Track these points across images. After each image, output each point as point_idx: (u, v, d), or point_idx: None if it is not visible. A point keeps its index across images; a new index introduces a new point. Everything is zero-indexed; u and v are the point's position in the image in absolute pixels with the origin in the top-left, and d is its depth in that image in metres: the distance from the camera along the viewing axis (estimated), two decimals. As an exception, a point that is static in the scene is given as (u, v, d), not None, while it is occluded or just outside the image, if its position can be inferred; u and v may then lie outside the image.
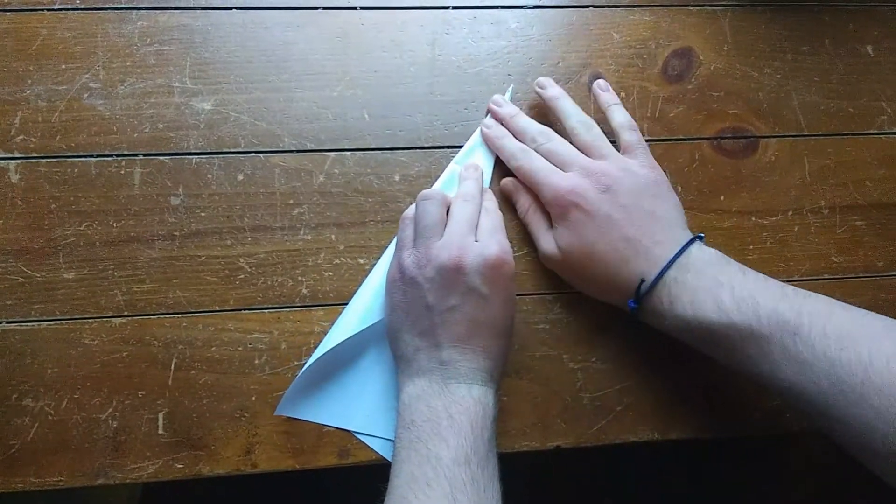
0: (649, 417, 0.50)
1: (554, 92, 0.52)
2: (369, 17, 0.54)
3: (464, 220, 0.46)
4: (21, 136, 0.49)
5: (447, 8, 0.55)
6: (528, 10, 0.56)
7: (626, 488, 0.82)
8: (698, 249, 0.44)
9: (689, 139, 0.55)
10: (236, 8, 0.53)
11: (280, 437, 0.47)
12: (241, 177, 0.51)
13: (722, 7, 0.57)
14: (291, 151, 0.51)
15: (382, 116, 0.53)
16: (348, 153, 0.52)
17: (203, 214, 0.50)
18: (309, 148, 0.51)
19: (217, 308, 0.49)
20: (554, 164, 0.48)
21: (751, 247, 0.53)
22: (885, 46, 0.58)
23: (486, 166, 0.52)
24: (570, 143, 0.50)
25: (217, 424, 0.47)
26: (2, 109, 0.50)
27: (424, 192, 0.47)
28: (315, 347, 0.48)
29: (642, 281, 0.44)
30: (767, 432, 0.51)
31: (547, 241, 0.49)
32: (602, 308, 0.51)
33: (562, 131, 0.51)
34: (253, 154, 0.51)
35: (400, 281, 0.45)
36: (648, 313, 0.45)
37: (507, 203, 0.52)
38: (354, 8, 0.54)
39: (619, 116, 0.50)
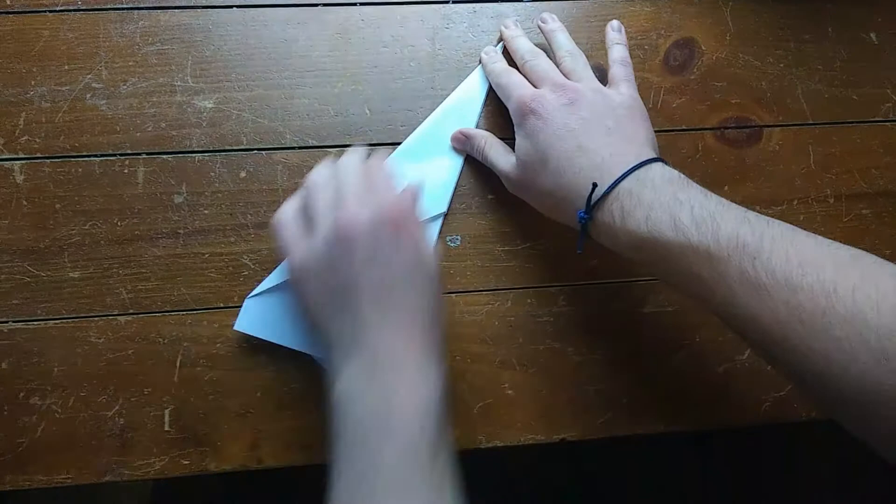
0: (655, 409, 0.50)
1: (553, 26, 0.52)
2: (369, 12, 0.54)
3: (350, 184, 0.43)
4: (25, 137, 0.50)
5: (447, 2, 0.55)
6: (528, 4, 0.56)
7: (631, 480, 0.82)
8: (661, 168, 0.42)
9: (693, 130, 0.54)
10: (236, 6, 0.53)
11: (286, 433, 0.47)
12: (243, 174, 0.51)
13: (723, -4, 0.57)
14: (293, 148, 0.51)
15: (384, 112, 0.53)
16: (350, 149, 0.52)
17: (206, 212, 0.50)
18: (311, 144, 0.52)
19: (221, 305, 0.49)
20: (532, 82, 0.49)
21: (756, 236, 0.53)
22: (888, 33, 0.57)
23: (478, 99, 0.53)
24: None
25: (223, 421, 0.47)
26: (6, 111, 0.50)
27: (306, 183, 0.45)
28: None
29: (594, 186, 0.41)
30: (775, 423, 0.51)
31: (505, 161, 0.49)
32: (607, 301, 0.51)
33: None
34: (255, 151, 0.51)
35: (304, 271, 0.42)
36: (600, 229, 0.43)
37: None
38: (354, 4, 0.54)
39: (616, 52, 0.50)
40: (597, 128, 0.44)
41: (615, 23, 0.52)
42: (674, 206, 0.39)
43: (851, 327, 0.33)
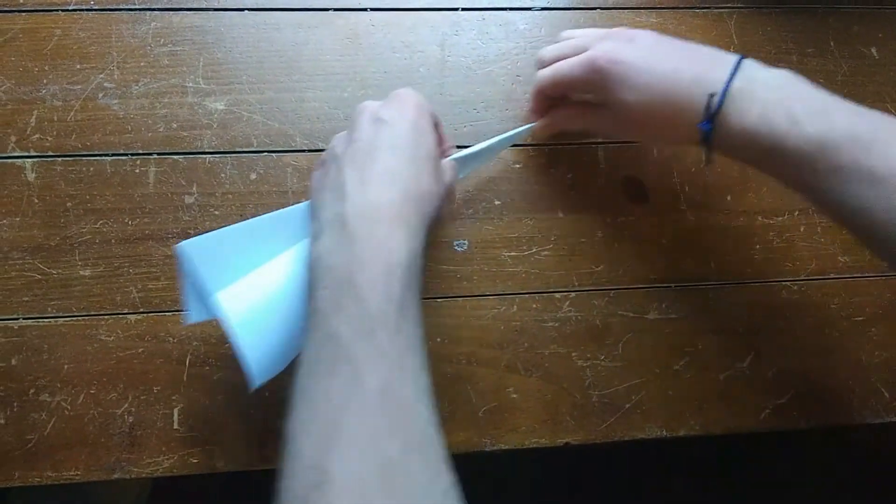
0: (658, 415, 0.51)
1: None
2: (379, 18, 0.55)
3: (366, 106, 0.42)
4: (37, 135, 0.50)
5: (456, 9, 0.56)
6: (537, 12, 0.56)
7: (632, 488, 0.82)
8: (755, 64, 0.42)
9: (696, 139, 0.55)
10: (248, 9, 0.54)
11: (293, 433, 0.48)
12: (253, 176, 0.51)
13: (728, 9, 0.58)
14: (303, 151, 0.52)
15: (393, 116, 0.53)
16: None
17: (217, 213, 0.50)
18: (320, 147, 0.52)
19: (230, 305, 0.49)
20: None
21: (757, 246, 0.54)
22: (889, 48, 0.58)
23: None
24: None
25: (231, 420, 0.48)
26: (18, 108, 0.50)
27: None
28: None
29: (711, 96, 0.41)
30: (776, 429, 0.52)
31: (597, 119, 0.49)
32: (611, 306, 0.51)
33: None
34: (265, 153, 0.52)
35: (318, 167, 0.43)
36: (720, 133, 0.42)
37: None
38: (365, 9, 0.55)
39: (583, 30, 0.50)
40: (670, 48, 0.44)
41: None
42: (787, 101, 0.40)
43: None
